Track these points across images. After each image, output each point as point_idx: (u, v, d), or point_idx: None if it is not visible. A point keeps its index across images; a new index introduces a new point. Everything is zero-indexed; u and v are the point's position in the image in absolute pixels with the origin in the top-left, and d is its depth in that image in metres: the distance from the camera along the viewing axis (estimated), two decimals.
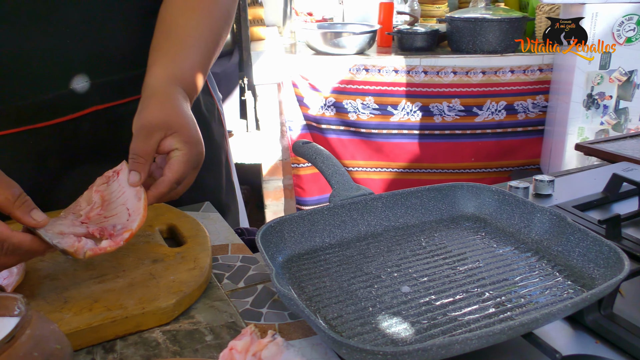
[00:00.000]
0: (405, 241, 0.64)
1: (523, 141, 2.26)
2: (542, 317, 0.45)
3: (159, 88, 0.65)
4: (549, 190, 0.88)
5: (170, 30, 0.71)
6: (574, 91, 1.90)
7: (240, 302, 0.57)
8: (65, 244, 0.51)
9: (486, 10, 2.17)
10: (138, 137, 0.60)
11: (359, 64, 2.14)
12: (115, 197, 0.59)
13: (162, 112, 0.62)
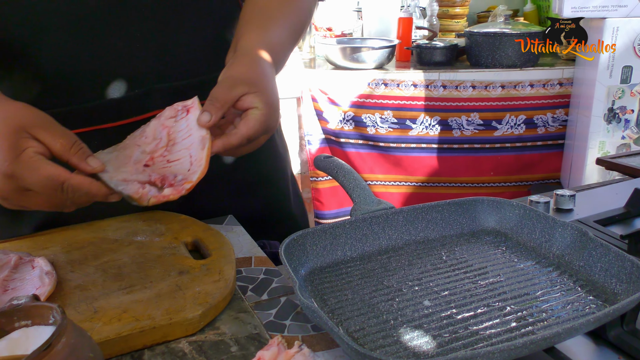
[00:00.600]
0: (426, 255, 0.65)
1: (543, 155, 2.25)
2: (564, 331, 0.45)
3: (251, 49, 0.67)
4: (570, 205, 0.88)
5: (262, 8, 0.74)
6: (595, 105, 1.89)
7: (264, 313, 0.58)
8: (129, 190, 0.53)
9: (505, 25, 2.18)
10: (221, 85, 0.61)
11: (377, 79, 2.15)
12: (180, 137, 0.59)
13: (249, 69, 0.64)
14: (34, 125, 0.54)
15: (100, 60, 0.71)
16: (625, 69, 1.82)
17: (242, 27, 0.72)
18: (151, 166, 0.58)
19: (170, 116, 0.61)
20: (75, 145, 0.54)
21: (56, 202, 0.55)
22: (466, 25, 2.71)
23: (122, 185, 0.53)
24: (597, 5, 1.77)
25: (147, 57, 0.74)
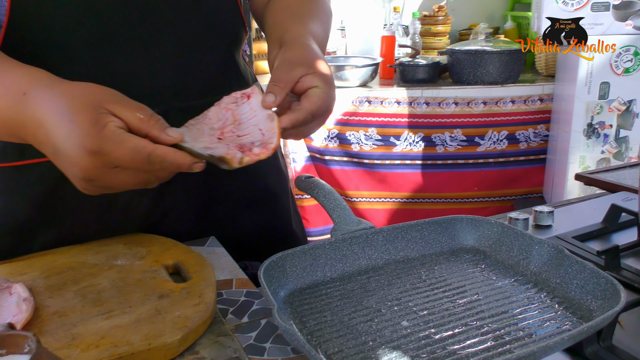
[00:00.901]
0: (405, 274, 0.65)
1: (525, 170, 2.28)
2: (539, 350, 0.46)
3: (299, 37, 0.69)
4: (549, 221, 0.89)
5: (293, 8, 0.78)
6: (574, 121, 1.92)
7: (244, 336, 0.58)
8: (219, 151, 0.52)
9: (486, 43, 2.22)
10: (280, 68, 0.63)
11: (361, 96, 2.17)
12: (246, 118, 0.59)
13: (304, 52, 0.66)
14: (109, 101, 0.53)
15: (122, 78, 0.72)
16: (603, 85, 1.86)
17: (282, 24, 0.75)
18: (223, 140, 0.58)
19: (231, 102, 0.62)
20: (153, 117, 0.53)
21: (142, 177, 0.54)
22: (448, 42, 2.76)
23: (208, 150, 0.53)
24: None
25: (166, 76, 0.75)
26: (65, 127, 0.50)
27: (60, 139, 0.51)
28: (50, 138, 0.52)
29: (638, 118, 1.88)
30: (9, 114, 0.54)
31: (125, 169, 0.52)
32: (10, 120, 0.54)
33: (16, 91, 0.54)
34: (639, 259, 0.79)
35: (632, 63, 1.82)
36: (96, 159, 0.50)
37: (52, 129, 0.51)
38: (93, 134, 0.50)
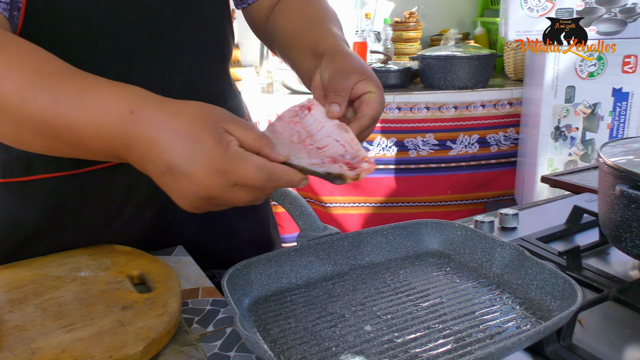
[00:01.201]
0: (370, 279, 0.66)
1: (497, 173, 2.31)
2: (497, 351, 0.46)
3: (338, 46, 0.71)
4: (514, 224, 0.90)
5: (310, 19, 0.79)
6: (542, 124, 1.96)
7: (209, 346, 0.58)
8: (333, 169, 0.53)
9: (456, 48, 2.25)
10: (336, 77, 0.64)
11: None
12: (315, 130, 0.60)
13: (352, 60, 0.67)
14: (224, 120, 0.53)
15: None
16: (569, 89, 1.90)
17: (305, 34, 0.77)
18: (313, 154, 0.59)
19: (293, 116, 0.63)
20: (264, 136, 0.54)
21: (256, 194, 0.54)
22: (420, 48, 2.79)
23: (321, 167, 0.54)
24: (540, 29, 1.85)
25: (176, 94, 0.76)
26: (189, 147, 0.50)
27: (181, 158, 0.51)
28: (165, 157, 0.51)
29: (603, 121, 1.92)
30: (114, 133, 0.53)
31: (244, 186, 0.52)
32: (113, 139, 0.53)
33: (123, 110, 0.53)
34: (600, 258, 0.81)
35: (596, 67, 1.87)
36: (222, 177, 0.51)
37: (170, 148, 0.51)
38: (220, 153, 0.50)
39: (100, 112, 0.53)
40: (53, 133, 0.54)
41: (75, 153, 0.57)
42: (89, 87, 0.54)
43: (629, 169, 0.66)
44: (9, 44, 0.56)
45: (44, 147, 0.58)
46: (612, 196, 0.69)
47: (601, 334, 0.62)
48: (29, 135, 0.56)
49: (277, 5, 0.87)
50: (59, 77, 0.54)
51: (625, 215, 0.68)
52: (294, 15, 0.83)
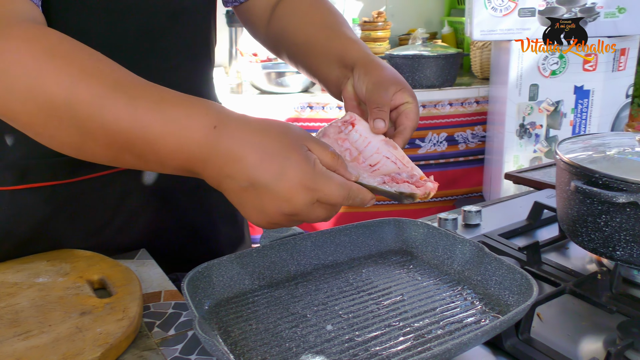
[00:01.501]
0: (333, 279, 0.66)
1: (465, 170, 2.34)
2: (453, 347, 0.47)
3: (369, 56, 0.70)
4: (477, 220, 0.92)
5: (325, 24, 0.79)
6: (507, 122, 1.99)
7: (170, 350, 0.57)
8: (404, 188, 0.55)
9: (424, 47, 2.27)
10: (376, 91, 0.65)
11: (303, 102, 2.18)
12: (362, 146, 0.61)
13: (390, 71, 0.68)
14: (306, 139, 0.54)
15: None
16: (533, 87, 1.94)
17: (325, 42, 0.76)
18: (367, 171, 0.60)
19: (337, 132, 0.63)
20: (339, 157, 0.55)
21: (332, 212, 0.54)
22: (388, 48, 2.80)
23: (392, 186, 0.56)
24: (504, 28, 1.88)
25: None
26: (278, 164, 0.51)
27: (268, 175, 0.50)
28: (249, 173, 0.51)
29: (565, 118, 1.97)
30: (194, 146, 0.52)
31: (324, 203, 0.53)
32: (192, 152, 0.52)
33: (206, 124, 0.52)
34: (560, 253, 0.83)
35: (558, 66, 1.91)
36: (308, 194, 0.51)
37: (256, 164, 0.51)
38: (309, 170, 0.51)
39: (181, 125, 0.51)
40: (125, 143, 0.52)
41: (139, 164, 0.55)
42: (169, 99, 0.53)
43: (583, 165, 0.68)
44: (80, 50, 0.54)
45: (108, 157, 0.56)
46: (568, 192, 0.71)
47: (559, 327, 0.63)
48: (95, 144, 0.54)
49: (278, 6, 0.85)
50: (135, 88, 0.53)
51: (581, 210, 0.70)
52: (306, 21, 0.81)
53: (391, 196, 0.57)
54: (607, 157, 0.71)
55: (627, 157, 0.70)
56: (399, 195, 0.56)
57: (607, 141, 0.78)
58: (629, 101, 2.02)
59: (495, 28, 1.89)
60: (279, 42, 0.85)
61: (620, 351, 0.52)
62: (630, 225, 0.65)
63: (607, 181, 0.64)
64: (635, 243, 0.65)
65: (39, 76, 0.51)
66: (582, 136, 0.83)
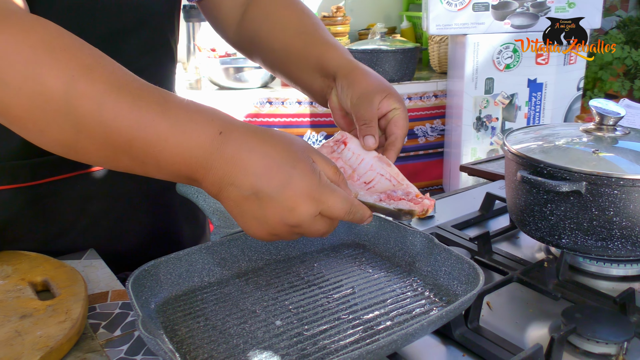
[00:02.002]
0: (285, 274, 0.65)
1: (425, 164, 2.37)
2: (400, 338, 0.47)
3: (349, 63, 0.69)
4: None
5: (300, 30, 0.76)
6: (465, 115, 2.02)
7: (115, 351, 0.55)
8: (402, 205, 0.54)
9: (382, 42, 2.28)
10: (361, 105, 0.64)
11: (263, 97, 2.17)
12: (355, 163, 0.61)
13: (373, 78, 0.67)
14: (310, 151, 0.53)
15: None
16: (488, 80, 1.97)
17: (303, 49, 0.74)
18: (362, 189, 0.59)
19: (330, 152, 0.63)
20: (340, 172, 0.55)
21: (331, 226, 0.54)
22: (348, 42, 2.81)
23: (392, 204, 0.55)
24: (459, 23, 1.90)
25: None
26: (284, 173, 0.50)
27: (272, 184, 0.49)
28: (253, 182, 0.49)
29: (520, 110, 2.01)
30: (197, 151, 0.49)
31: (326, 217, 0.52)
32: (194, 158, 0.49)
33: (212, 130, 0.50)
34: (510, 242, 0.84)
35: (512, 59, 1.95)
36: (312, 205, 0.50)
37: (262, 173, 0.49)
38: (315, 181, 0.50)
39: (186, 128, 0.49)
40: (124, 144, 0.49)
41: (134, 167, 0.52)
42: (173, 102, 0.50)
43: (529, 155, 0.69)
44: (81, 45, 0.51)
45: (101, 157, 0.52)
46: (515, 182, 0.72)
47: (507, 315, 0.64)
48: (90, 143, 0.50)
49: (249, 6, 0.82)
50: (139, 88, 0.50)
51: (528, 200, 0.71)
52: (281, 25, 0.78)
53: (390, 213, 0.57)
54: (554, 147, 0.72)
55: (572, 147, 0.72)
56: (398, 212, 0.56)
57: (555, 132, 0.80)
58: (580, 94, 2.08)
59: (450, 22, 1.91)
60: (253, 46, 0.83)
61: (564, 337, 0.54)
62: (574, 214, 0.66)
63: (551, 171, 0.66)
64: (579, 231, 0.67)
65: (36, 67, 0.48)
66: (532, 127, 0.85)
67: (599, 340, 0.55)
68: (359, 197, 0.56)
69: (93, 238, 0.79)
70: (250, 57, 0.87)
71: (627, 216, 0.65)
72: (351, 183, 0.60)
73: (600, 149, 0.69)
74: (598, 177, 0.63)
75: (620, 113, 0.73)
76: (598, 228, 0.66)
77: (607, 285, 0.70)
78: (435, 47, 2.42)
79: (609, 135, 0.72)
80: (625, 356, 0.55)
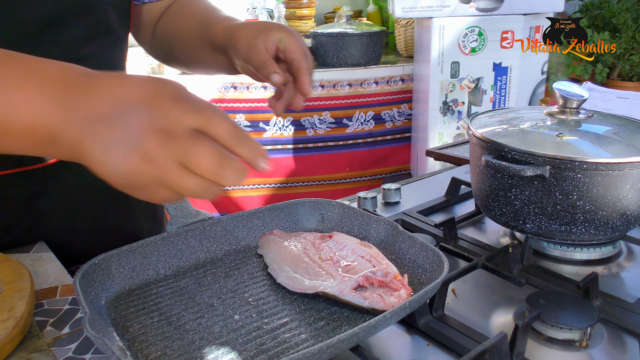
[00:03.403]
0: (244, 264, 0.63)
1: (393, 149, 2.36)
2: (361, 330, 0.45)
3: (230, 27, 0.72)
4: (397, 198, 0.91)
5: (202, 17, 0.80)
6: (431, 99, 2.01)
7: (62, 350, 0.52)
8: (377, 304, 0.52)
9: (348, 25, 2.25)
10: (250, 57, 0.67)
11: (227, 82, 2.12)
12: (338, 249, 0.63)
13: (249, 29, 0.69)
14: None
15: None
16: (454, 64, 1.97)
17: (205, 28, 0.77)
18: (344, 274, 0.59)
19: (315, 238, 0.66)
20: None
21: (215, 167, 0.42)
22: (314, 26, 2.77)
23: (364, 300, 0.53)
24: (424, 6, 1.89)
25: None
26: (151, 86, 0.43)
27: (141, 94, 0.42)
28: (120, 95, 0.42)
29: (486, 95, 2.01)
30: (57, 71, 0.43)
31: (207, 147, 0.41)
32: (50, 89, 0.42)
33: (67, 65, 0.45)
34: (476, 228, 0.84)
35: (477, 43, 1.95)
36: (191, 112, 0.42)
37: (128, 91, 0.42)
38: (192, 95, 0.45)
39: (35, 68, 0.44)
40: None
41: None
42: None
43: (493, 139, 0.68)
44: None
45: None
46: (480, 167, 0.71)
47: (473, 302, 0.63)
48: None
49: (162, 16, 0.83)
50: None
51: (493, 184, 0.70)
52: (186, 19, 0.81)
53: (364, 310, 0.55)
54: (518, 131, 0.71)
55: (535, 131, 0.71)
56: (372, 310, 0.54)
57: (519, 115, 0.79)
58: (544, 77, 2.09)
59: (416, 5, 1.90)
60: (165, 48, 0.85)
61: (527, 324, 0.53)
62: (539, 198, 0.65)
63: (515, 155, 0.64)
64: (543, 215, 0.66)
65: None
66: (497, 110, 0.84)
67: (563, 327, 0.54)
68: (331, 290, 0.54)
69: (42, 234, 0.76)
70: (168, 62, 0.90)
71: (590, 200, 0.64)
72: (329, 264, 0.61)
73: (563, 132, 0.68)
74: (562, 161, 0.63)
75: (583, 96, 0.72)
76: (562, 212, 0.65)
77: (571, 270, 0.70)
78: (402, 31, 2.40)
79: (572, 118, 0.72)
80: (588, 341, 0.55)
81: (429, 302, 0.58)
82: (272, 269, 0.60)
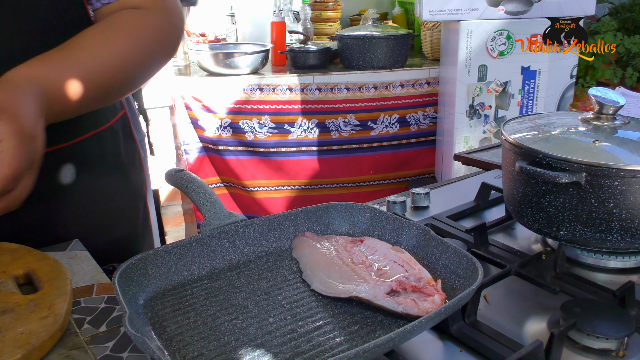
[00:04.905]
0: (277, 267, 0.63)
1: (417, 152, 2.35)
2: (397, 335, 0.45)
3: (7, 77, 0.59)
4: (426, 203, 0.91)
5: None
6: (457, 102, 2.00)
7: (100, 347, 0.53)
8: (410, 310, 0.52)
9: (374, 28, 2.25)
10: None
11: (253, 84, 2.13)
12: (370, 253, 0.63)
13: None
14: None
15: None
16: (481, 67, 1.95)
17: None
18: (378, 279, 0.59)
19: (347, 242, 0.66)
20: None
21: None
22: (339, 28, 2.77)
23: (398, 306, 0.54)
24: (452, 8, 1.88)
25: None
26: None
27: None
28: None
29: (513, 99, 1.99)
30: None
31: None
32: None
33: None
34: (506, 234, 0.83)
35: (505, 46, 1.93)
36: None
37: None
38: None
39: None
40: None
41: None
42: None
43: (527, 145, 0.67)
44: None
45: None
46: (513, 172, 0.71)
47: (505, 309, 0.63)
48: None
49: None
50: None
51: (526, 191, 0.69)
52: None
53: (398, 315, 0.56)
54: (552, 136, 0.70)
55: (570, 137, 0.70)
56: (406, 315, 0.54)
57: (552, 121, 0.78)
58: (573, 81, 2.06)
59: (443, 8, 1.89)
60: None
61: (563, 332, 0.52)
62: (573, 205, 0.65)
63: (550, 161, 0.64)
64: (578, 222, 0.66)
65: None
66: (528, 116, 0.83)
67: (599, 336, 0.54)
68: (367, 290, 0.55)
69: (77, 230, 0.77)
70: None
71: (626, 208, 0.63)
72: (362, 268, 0.60)
73: (599, 139, 0.67)
74: (598, 167, 0.62)
75: (620, 102, 0.71)
76: (597, 220, 0.64)
77: (605, 278, 0.69)
78: (428, 34, 2.39)
79: (608, 124, 0.71)
80: (625, 351, 0.54)
81: (461, 308, 0.58)
82: (305, 275, 0.60)
